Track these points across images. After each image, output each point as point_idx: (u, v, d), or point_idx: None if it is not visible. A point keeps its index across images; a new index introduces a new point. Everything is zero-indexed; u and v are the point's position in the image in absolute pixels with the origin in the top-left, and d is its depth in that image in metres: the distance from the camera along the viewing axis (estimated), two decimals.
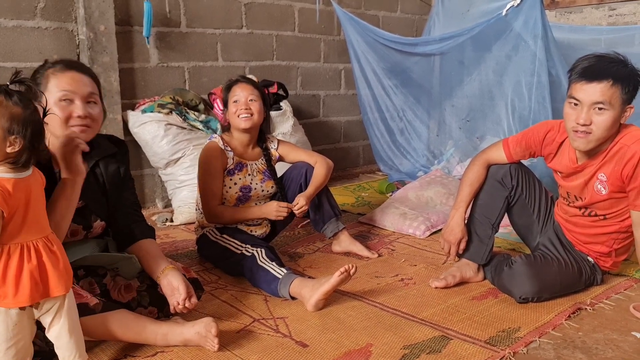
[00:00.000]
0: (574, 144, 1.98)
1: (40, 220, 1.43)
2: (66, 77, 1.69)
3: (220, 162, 2.45)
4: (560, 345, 1.78)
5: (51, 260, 1.41)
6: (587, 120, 1.89)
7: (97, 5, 3.13)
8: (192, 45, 3.67)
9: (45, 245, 1.42)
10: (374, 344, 1.78)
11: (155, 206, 3.60)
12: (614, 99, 1.87)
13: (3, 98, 1.34)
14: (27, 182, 1.39)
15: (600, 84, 1.87)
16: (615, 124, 1.92)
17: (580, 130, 1.92)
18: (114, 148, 1.90)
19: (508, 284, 2.10)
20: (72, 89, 1.67)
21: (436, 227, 3.03)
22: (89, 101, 1.72)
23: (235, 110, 2.45)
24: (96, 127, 1.76)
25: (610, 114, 1.88)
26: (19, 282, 1.36)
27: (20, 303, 1.37)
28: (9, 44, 2.99)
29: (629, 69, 1.90)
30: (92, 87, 1.74)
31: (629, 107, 1.92)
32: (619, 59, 1.92)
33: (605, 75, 1.87)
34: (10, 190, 1.34)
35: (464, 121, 4.18)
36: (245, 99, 2.46)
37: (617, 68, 1.88)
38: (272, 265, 2.16)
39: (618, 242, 2.13)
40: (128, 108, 3.39)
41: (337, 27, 4.48)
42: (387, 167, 4.32)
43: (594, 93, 1.87)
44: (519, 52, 3.41)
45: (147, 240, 1.92)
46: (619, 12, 4.07)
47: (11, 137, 1.34)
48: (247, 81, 2.54)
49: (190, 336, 1.71)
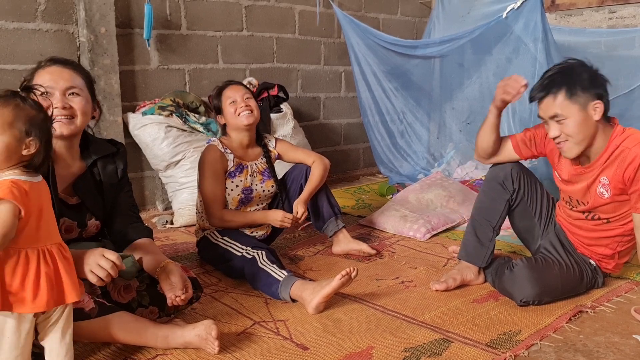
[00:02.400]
0: (563, 155, 2.05)
1: (52, 227, 1.43)
2: (46, 72, 1.72)
3: (221, 165, 2.45)
4: (562, 348, 1.78)
5: (65, 266, 1.41)
6: (556, 133, 1.98)
7: (98, 7, 3.14)
8: (192, 47, 3.67)
9: (59, 252, 1.42)
10: (375, 346, 1.78)
11: (156, 208, 3.60)
12: (565, 106, 1.94)
13: (20, 101, 1.36)
14: (39, 188, 1.40)
15: (547, 98, 1.97)
16: (587, 124, 1.95)
17: (557, 142, 2.01)
18: (113, 148, 1.92)
19: (509, 287, 2.10)
20: (49, 84, 1.68)
21: (436, 229, 3.03)
22: (71, 93, 1.73)
23: (235, 110, 2.47)
24: (84, 119, 1.76)
25: (572, 120, 1.94)
26: (38, 288, 1.35)
27: (37, 308, 1.36)
28: (9, 46, 2.99)
29: (571, 71, 1.97)
30: (73, 79, 1.74)
31: (593, 104, 1.95)
32: (559, 66, 2.01)
33: (547, 89, 1.97)
34: (28, 190, 1.34)
35: (464, 124, 4.18)
36: (242, 97, 2.49)
37: (557, 77, 1.98)
38: (273, 268, 2.16)
39: (622, 244, 2.13)
40: (128, 110, 3.39)
41: (338, 30, 4.49)
42: (388, 170, 4.32)
43: (547, 109, 1.98)
44: (520, 55, 3.42)
45: (145, 239, 1.92)
46: (619, 15, 4.08)
47: (27, 140, 1.35)
48: (237, 82, 2.59)
49: (190, 338, 1.70)
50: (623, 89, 3.32)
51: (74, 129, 1.75)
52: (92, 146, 1.86)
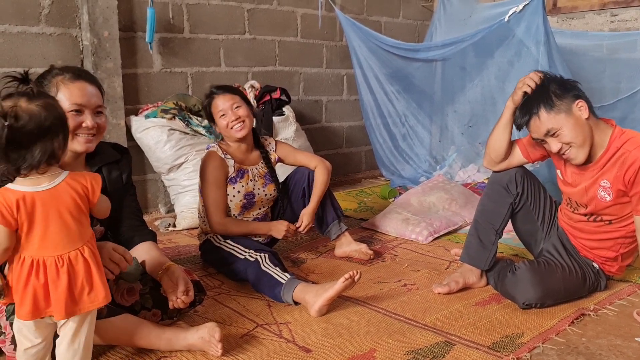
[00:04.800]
0: (573, 162, 2.04)
1: (56, 238, 1.37)
2: (76, 88, 1.68)
3: (222, 171, 2.45)
4: (564, 351, 1.78)
5: (54, 283, 1.36)
6: (557, 146, 2.00)
7: (101, 11, 3.15)
8: (195, 50, 3.68)
9: (55, 265, 1.36)
10: (378, 349, 1.78)
11: (158, 211, 3.61)
12: (551, 119, 1.97)
13: (51, 100, 1.39)
14: (35, 197, 1.35)
15: (532, 120, 2.01)
16: (581, 125, 1.97)
17: (562, 154, 2.02)
18: (118, 155, 1.92)
19: (511, 289, 2.10)
20: (83, 102, 1.68)
21: (439, 232, 3.03)
22: (97, 112, 1.74)
23: (227, 124, 2.44)
24: (101, 136, 1.78)
25: (565, 128, 1.96)
26: (24, 297, 1.35)
27: (19, 315, 1.37)
28: (13, 49, 3.00)
29: (540, 88, 2.02)
30: (99, 98, 1.76)
31: (576, 105, 1.97)
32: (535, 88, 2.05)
33: (528, 112, 2.02)
34: (11, 204, 1.32)
35: (466, 127, 4.18)
36: (231, 108, 2.44)
37: (531, 98, 2.02)
38: (276, 271, 2.16)
39: (624, 246, 2.13)
40: (131, 113, 3.40)
41: (340, 33, 4.50)
42: (390, 173, 4.33)
43: (537, 129, 2.01)
44: (521, 58, 3.42)
45: (148, 243, 1.93)
46: (620, 18, 4.08)
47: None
48: (224, 90, 2.50)
49: (194, 341, 1.71)
50: (625, 92, 3.33)
51: (93, 148, 1.75)
52: (99, 153, 1.85)
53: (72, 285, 1.37)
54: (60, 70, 1.71)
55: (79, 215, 1.41)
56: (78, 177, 1.42)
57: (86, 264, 1.40)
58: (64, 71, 1.71)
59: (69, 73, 1.70)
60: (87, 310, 1.41)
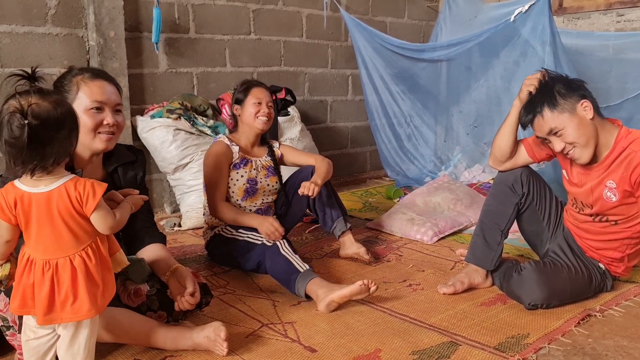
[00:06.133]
0: (577, 162, 2.04)
1: (46, 241, 1.36)
2: (96, 86, 1.73)
3: (226, 157, 2.50)
4: (570, 351, 1.77)
5: (39, 286, 1.34)
6: (560, 145, 2.00)
7: (107, 11, 3.16)
8: (200, 51, 3.69)
9: (42, 269, 1.35)
10: (383, 349, 1.78)
11: (164, 211, 3.62)
12: (554, 118, 1.97)
13: (60, 97, 1.41)
14: (39, 198, 1.34)
15: (536, 119, 2.01)
16: (585, 126, 1.96)
17: (566, 154, 2.02)
18: (133, 156, 1.97)
19: (517, 290, 2.10)
20: (103, 100, 1.72)
21: (444, 232, 3.03)
22: (116, 110, 1.77)
23: (257, 112, 2.53)
24: (120, 134, 1.81)
25: (569, 127, 1.96)
26: (16, 291, 1.37)
27: (11, 308, 1.40)
28: (20, 49, 3.02)
29: (545, 87, 2.02)
30: (118, 96, 1.80)
31: (581, 105, 1.96)
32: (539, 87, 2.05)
33: (532, 111, 2.02)
34: (10, 201, 1.34)
35: (471, 127, 4.18)
36: (267, 103, 2.55)
37: (535, 98, 2.03)
38: (295, 258, 2.20)
39: (630, 247, 2.13)
40: (137, 113, 3.41)
41: (345, 33, 4.50)
42: (395, 173, 4.33)
43: (540, 128, 2.02)
44: (527, 58, 3.41)
45: (157, 245, 1.95)
46: (627, 18, 4.06)
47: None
48: (266, 87, 2.63)
49: (199, 340, 1.71)
50: (631, 92, 3.31)
51: (112, 146, 1.79)
52: (115, 154, 1.89)
53: (55, 293, 1.35)
54: (79, 70, 1.76)
55: (73, 222, 1.37)
56: (78, 184, 1.37)
57: (74, 273, 1.36)
58: (84, 71, 1.76)
59: (88, 72, 1.76)
60: (68, 321, 1.38)
